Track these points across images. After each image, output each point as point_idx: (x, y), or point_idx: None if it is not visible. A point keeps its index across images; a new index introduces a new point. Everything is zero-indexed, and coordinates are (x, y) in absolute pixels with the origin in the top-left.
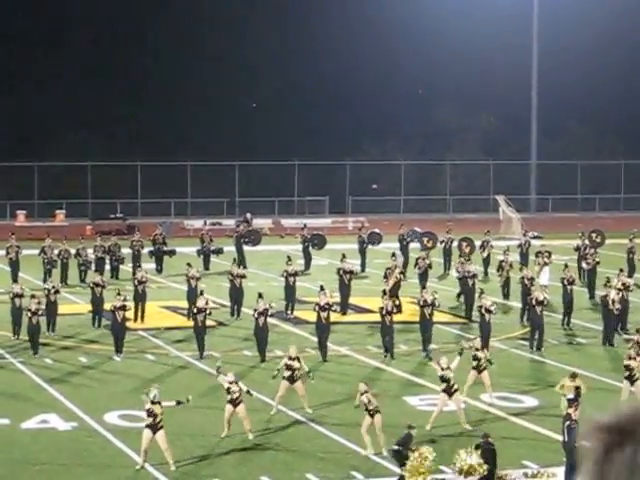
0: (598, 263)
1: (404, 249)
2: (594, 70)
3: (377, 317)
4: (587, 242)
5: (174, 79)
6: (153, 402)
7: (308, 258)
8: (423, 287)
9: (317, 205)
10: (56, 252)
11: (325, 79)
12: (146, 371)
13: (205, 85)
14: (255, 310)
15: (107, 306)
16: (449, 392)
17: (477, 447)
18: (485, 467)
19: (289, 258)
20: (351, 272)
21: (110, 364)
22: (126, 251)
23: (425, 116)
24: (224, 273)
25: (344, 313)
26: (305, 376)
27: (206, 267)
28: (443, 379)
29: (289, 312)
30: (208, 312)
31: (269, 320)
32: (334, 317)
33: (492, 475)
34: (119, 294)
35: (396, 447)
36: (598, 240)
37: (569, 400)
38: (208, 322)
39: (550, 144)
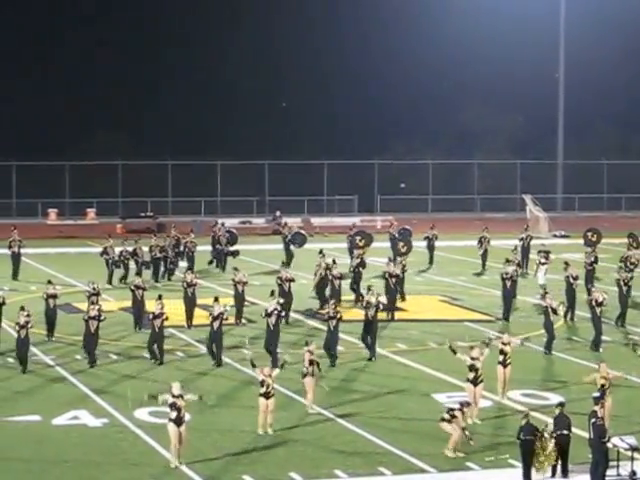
0: (596, 262)
1: (395, 248)
2: (620, 70)
3: (404, 315)
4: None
5: (204, 78)
6: (175, 396)
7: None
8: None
9: (346, 204)
10: (117, 252)
11: (354, 78)
12: (176, 368)
13: (235, 84)
14: (210, 314)
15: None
16: (474, 382)
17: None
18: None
19: (334, 261)
20: (397, 276)
21: (140, 361)
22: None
23: (453, 116)
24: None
25: (392, 319)
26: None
27: (223, 268)
28: (472, 368)
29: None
30: (225, 317)
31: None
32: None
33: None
34: (94, 303)
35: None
36: (594, 239)
37: (595, 398)
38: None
39: (577, 143)
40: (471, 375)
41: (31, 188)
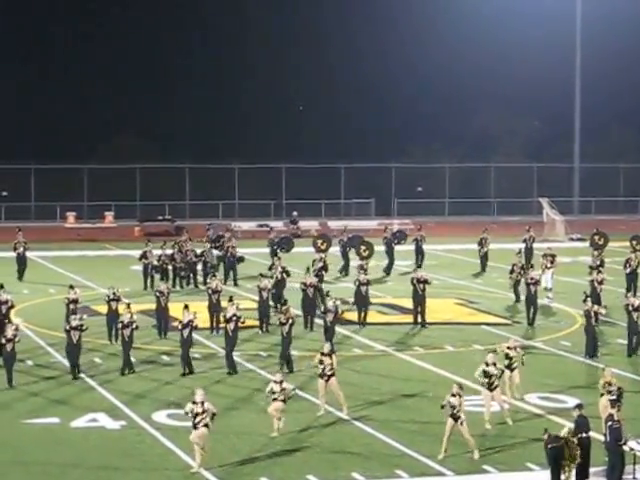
0: (602, 264)
1: (390, 252)
2: (638, 73)
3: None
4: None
5: (221, 82)
6: (196, 402)
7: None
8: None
9: (363, 207)
10: (156, 255)
11: (372, 82)
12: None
13: (252, 88)
14: (180, 322)
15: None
16: (490, 388)
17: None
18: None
19: (362, 267)
20: (425, 282)
21: (158, 364)
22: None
23: (470, 119)
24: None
25: (423, 326)
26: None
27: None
28: (486, 374)
29: (361, 324)
30: (242, 321)
31: None
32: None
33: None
34: (75, 312)
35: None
36: (601, 242)
37: (611, 401)
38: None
39: (593, 147)
40: (485, 380)
41: (50, 191)
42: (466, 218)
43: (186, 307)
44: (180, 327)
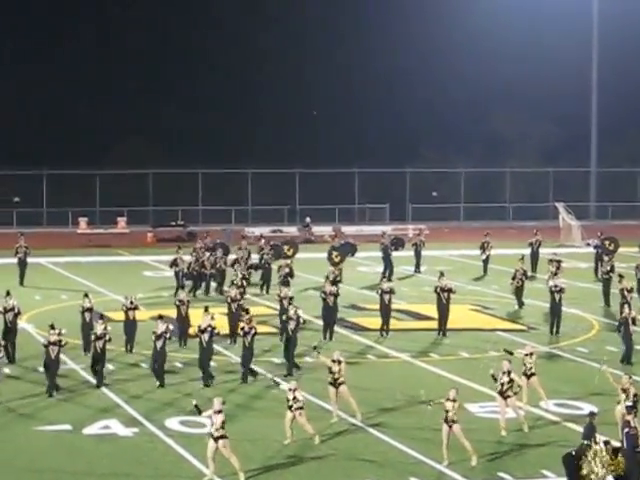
0: (612, 270)
1: (387, 258)
2: None
3: (435, 324)
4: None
5: (234, 87)
6: (216, 411)
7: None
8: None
9: (377, 212)
10: (186, 262)
11: (386, 87)
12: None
13: (266, 92)
14: (154, 332)
15: (52, 337)
16: (503, 395)
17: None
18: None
19: (384, 275)
20: (450, 290)
21: (171, 370)
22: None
23: (485, 123)
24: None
25: (444, 334)
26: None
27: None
28: (496, 380)
29: (384, 332)
30: (217, 332)
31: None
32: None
33: None
34: (53, 327)
35: (586, 443)
36: (611, 247)
37: (627, 407)
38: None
39: (610, 151)
40: (498, 387)
41: (62, 197)
42: (481, 223)
43: (206, 310)
44: (154, 338)
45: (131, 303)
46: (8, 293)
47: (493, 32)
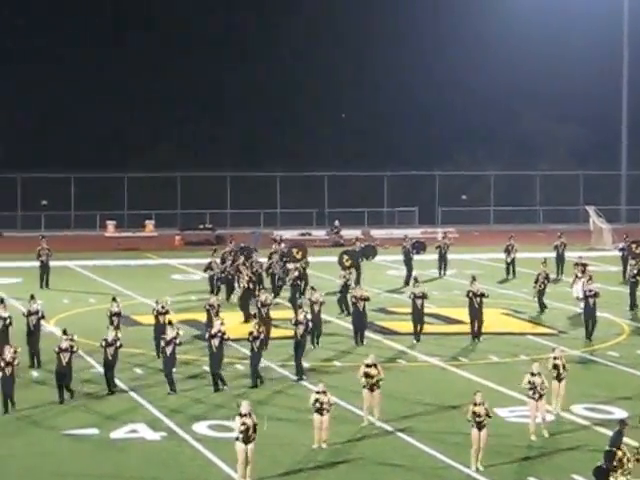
0: (639, 273)
1: (408, 262)
2: None
3: (467, 328)
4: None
5: (262, 91)
6: (243, 414)
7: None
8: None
9: (407, 216)
10: (221, 265)
11: (415, 90)
12: (234, 380)
13: (294, 96)
14: (163, 338)
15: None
16: (536, 397)
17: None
18: None
19: (416, 279)
20: (482, 295)
21: (199, 374)
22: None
23: (515, 126)
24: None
25: (477, 339)
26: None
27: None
28: (531, 384)
29: (416, 338)
30: (227, 337)
31: None
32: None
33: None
34: (65, 333)
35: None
36: (638, 251)
37: None
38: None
39: None
40: (530, 391)
41: (90, 200)
42: (511, 226)
43: (217, 314)
44: (207, 337)
45: (162, 307)
46: (32, 297)
47: (523, 33)
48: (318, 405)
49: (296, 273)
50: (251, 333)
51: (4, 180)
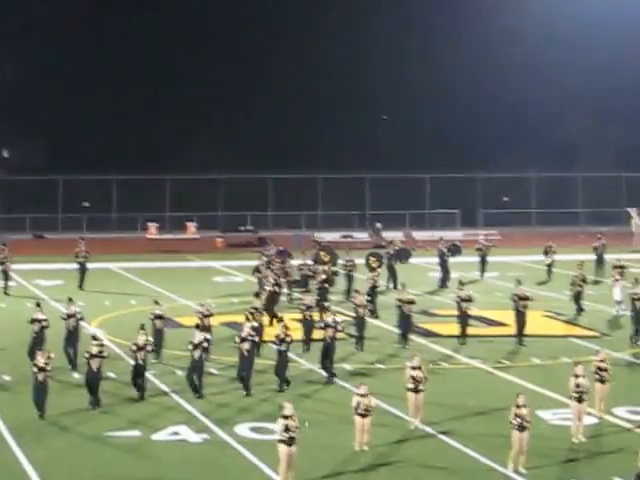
0: None
1: (443, 264)
2: None
3: (507, 330)
4: None
5: (304, 92)
6: (287, 416)
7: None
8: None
9: (448, 218)
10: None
11: (456, 91)
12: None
13: (335, 97)
14: (190, 342)
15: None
16: (579, 400)
17: None
18: None
19: (461, 282)
20: (527, 298)
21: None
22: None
23: (556, 128)
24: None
25: (521, 343)
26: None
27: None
28: (576, 386)
29: (461, 342)
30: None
31: None
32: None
33: None
34: (95, 338)
35: None
36: None
37: None
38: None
39: None
40: (575, 394)
41: (131, 202)
42: (553, 229)
43: (247, 318)
44: (191, 348)
45: (207, 310)
46: (70, 299)
47: (566, 35)
48: (360, 408)
49: (323, 276)
50: (277, 336)
51: (46, 182)
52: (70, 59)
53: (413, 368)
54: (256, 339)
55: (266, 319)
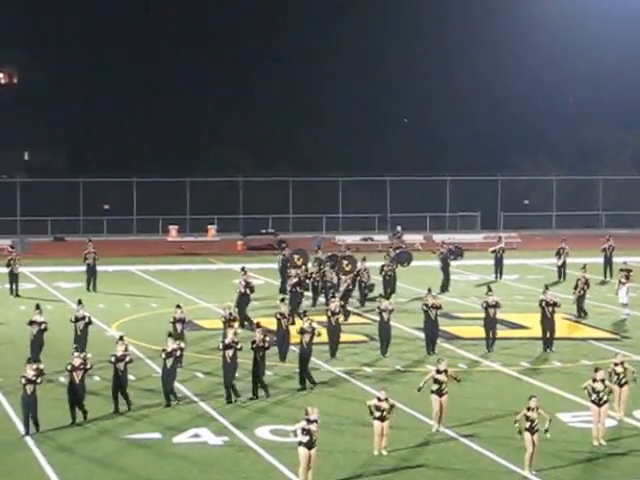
0: None
1: (445, 268)
2: None
3: (528, 333)
4: None
5: (323, 96)
6: (310, 420)
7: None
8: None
9: (469, 220)
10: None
11: (478, 94)
12: (296, 386)
13: (356, 100)
14: (163, 350)
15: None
16: (598, 403)
17: None
18: None
19: (490, 288)
20: (554, 304)
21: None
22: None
23: (577, 131)
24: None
25: (549, 348)
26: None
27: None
28: (594, 390)
29: (489, 348)
30: (239, 347)
31: None
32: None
33: None
34: (77, 349)
35: None
36: None
37: None
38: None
39: None
40: (593, 396)
41: (152, 205)
42: (574, 231)
43: (258, 325)
44: (164, 356)
45: (230, 314)
46: (80, 302)
47: (587, 40)
48: (378, 412)
49: (295, 279)
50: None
51: (67, 185)
52: (91, 63)
53: (438, 372)
54: (239, 346)
55: (292, 326)
